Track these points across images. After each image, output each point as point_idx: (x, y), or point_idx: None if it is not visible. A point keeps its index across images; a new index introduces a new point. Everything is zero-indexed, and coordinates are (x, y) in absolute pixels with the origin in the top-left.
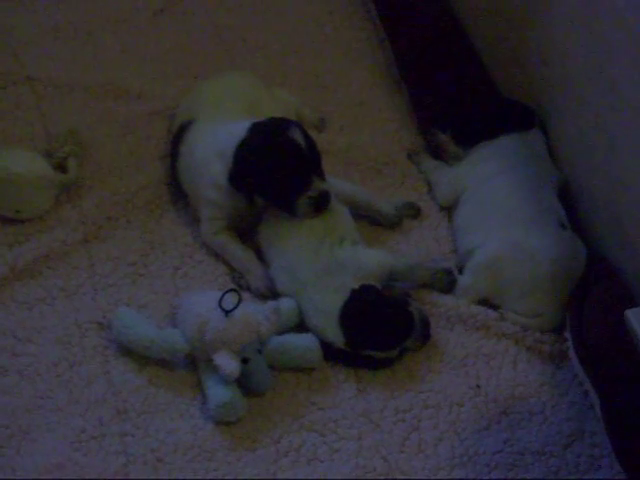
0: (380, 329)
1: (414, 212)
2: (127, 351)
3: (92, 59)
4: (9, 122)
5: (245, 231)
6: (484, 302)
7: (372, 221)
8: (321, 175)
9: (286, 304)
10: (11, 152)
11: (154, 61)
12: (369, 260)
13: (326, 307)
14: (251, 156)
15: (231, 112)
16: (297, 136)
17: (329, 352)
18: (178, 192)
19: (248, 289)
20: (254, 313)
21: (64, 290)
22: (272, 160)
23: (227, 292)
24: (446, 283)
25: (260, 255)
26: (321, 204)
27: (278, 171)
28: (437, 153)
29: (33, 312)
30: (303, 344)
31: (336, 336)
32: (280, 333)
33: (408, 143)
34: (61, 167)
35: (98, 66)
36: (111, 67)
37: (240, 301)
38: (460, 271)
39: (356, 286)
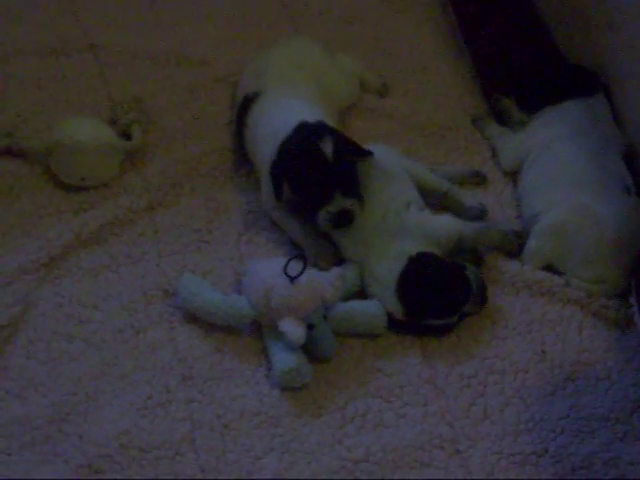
0: (437, 297)
1: (480, 180)
2: (192, 318)
3: (155, 26)
4: (73, 90)
5: None
6: (549, 268)
7: None
8: (348, 192)
9: (350, 270)
10: (76, 120)
11: (217, 28)
12: (437, 225)
13: (384, 277)
14: (286, 159)
15: (296, 83)
16: (327, 149)
17: (392, 321)
18: (242, 159)
19: None
20: (319, 280)
21: (129, 257)
22: (300, 169)
23: (292, 259)
24: (516, 245)
25: None
26: (340, 221)
27: (303, 181)
28: (501, 118)
29: (99, 279)
30: (368, 311)
31: (394, 306)
32: (345, 299)
33: (472, 109)
34: (125, 134)
35: (161, 33)
36: (174, 34)
37: (305, 268)
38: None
39: (414, 253)
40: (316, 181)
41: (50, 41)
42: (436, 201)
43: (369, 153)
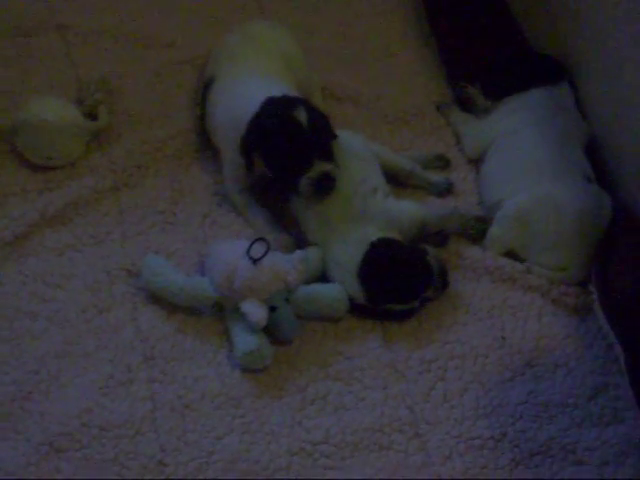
0: (398, 282)
1: (443, 164)
2: (155, 298)
3: (123, 7)
4: (40, 70)
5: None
6: (511, 255)
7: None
8: (325, 157)
9: (313, 253)
10: (42, 100)
11: (185, 10)
12: (401, 211)
13: (346, 261)
14: (259, 133)
15: (252, 64)
16: (302, 117)
17: (354, 304)
18: (207, 141)
19: None
20: (282, 262)
21: (94, 237)
22: (275, 140)
23: (255, 241)
24: (479, 230)
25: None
26: (322, 186)
27: (280, 151)
28: (466, 106)
29: (63, 258)
30: (330, 294)
31: (356, 291)
32: (307, 282)
33: (437, 95)
34: (91, 115)
35: (129, 14)
36: (142, 15)
37: (268, 250)
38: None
39: (376, 238)
40: (294, 150)
41: (18, 21)
42: (403, 180)
43: (334, 135)
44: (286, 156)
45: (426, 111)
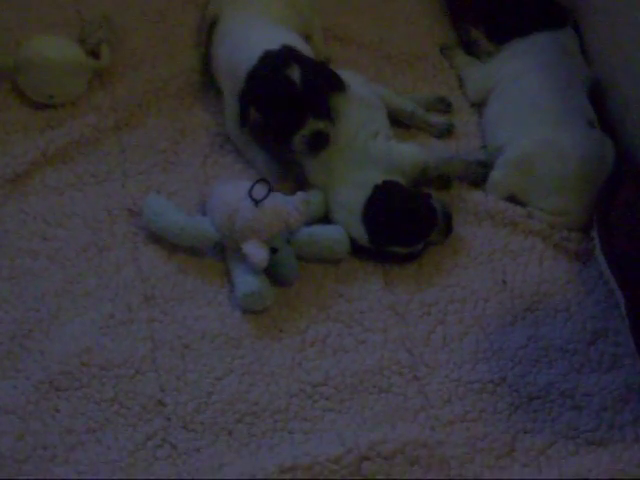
0: (403, 225)
1: (445, 106)
2: (156, 238)
3: None
4: (42, 7)
5: None
6: (512, 199)
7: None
8: (320, 115)
9: (315, 196)
10: (44, 38)
11: None
12: (403, 154)
13: (350, 204)
14: (254, 89)
15: (251, 11)
16: (295, 76)
17: (355, 246)
18: (210, 81)
19: None
20: (284, 203)
21: (95, 176)
22: (269, 98)
23: (257, 182)
24: (480, 174)
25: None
26: (316, 143)
27: (274, 109)
28: (470, 49)
29: (64, 197)
30: (331, 235)
31: (360, 233)
32: (308, 224)
33: (441, 38)
34: (94, 53)
35: None
36: None
37: (270, 191)
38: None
39: (380, 181)
40: (287, 108)
41: None
42: (404, 121)
43: (341, 86)
44: (280, 114)
45: (430, 53)
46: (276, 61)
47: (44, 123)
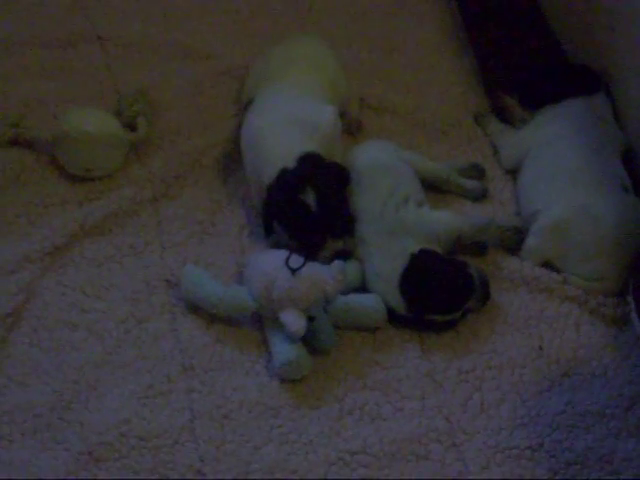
0: (440, 293)
1: (479, 173)
2: (194, 309)
3: (162, 19)
4: (80, 81)
5: None
6: (548, 265)
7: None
8: (339, 235)
9: (352, 265)
10: (82, 111)
11: (223, 21)
12: (437, 222)
13: (387, 273)
14: (275, 207)
15: (292, 80)
16: (310, 200)
17: (392, 315)
18: None
19: None
20: (321, 272)
21: (133, 248)
22: (288, 219)
23: (294, 251)
24: (516, 241)
25: None
26: (338, 259)
27: (294, 229)
28: (503, 116)
29: (102, 269)
30: (368, 304)
31: (397, 302)
32: (344, 294)
33: (474, 105)
34: (130, 126)
35: (167, 26)
36: (180, 27)
37: (307, 260)
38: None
39: (416, 250)
40: (305, 232)
41: (58, 32)
42: (440, 186)
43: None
44: (299, 236)
45: (463, 121)
46: (291, 184)
47: (82, 196)
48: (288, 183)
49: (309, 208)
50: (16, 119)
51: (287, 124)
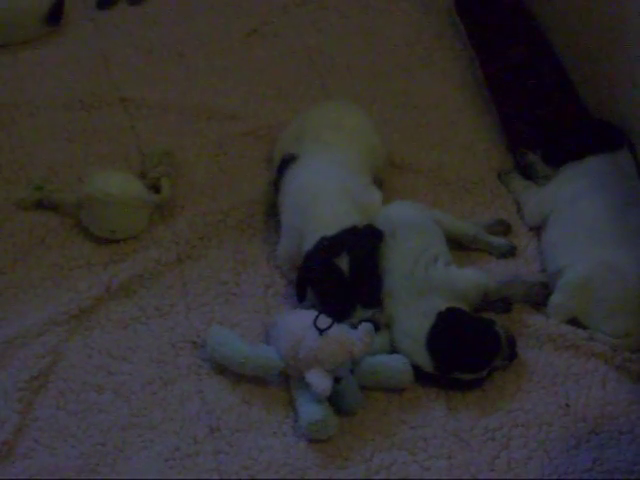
0: (467, 352)
1: (504, 229)
2: (220, 370)
3: (184, 80)
4: (104, 143)
5: None
6: (573, 321)
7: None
8: (369, 304)
9: (380, 334)
10: (106, 173)
11: (246, 82)
12: (464, 280)
13: (414, 331)
14: (309, 272)
15: (332, 147)
16: (344, 265)
17: (419, 373)
18: (269, 212)
19: None
20: (348, 333)
21: (158, 309)
22: (321, 284)
23: (322, 312)
24: (541, 297)
25: None
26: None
27: (326, 295)
28: (527, 173)
29: (128, 331)
30: (394, 365)
31: (424, 361)
32: (371, 355)
33: (498, 163)
34: (155, 187)
35: (190, 87)
36: (203, 88)
37: (334, 321)
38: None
39: (443, 308)
40: (336, 298)
41: (81, 94)
42: (466, 244)
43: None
44: (330, 301)
45: (487, 179)
46: (329, 249)
47: (107, 258)
48: (325, 248)
49: (342, 273)
50: (41, 182)
51: (340, 196)
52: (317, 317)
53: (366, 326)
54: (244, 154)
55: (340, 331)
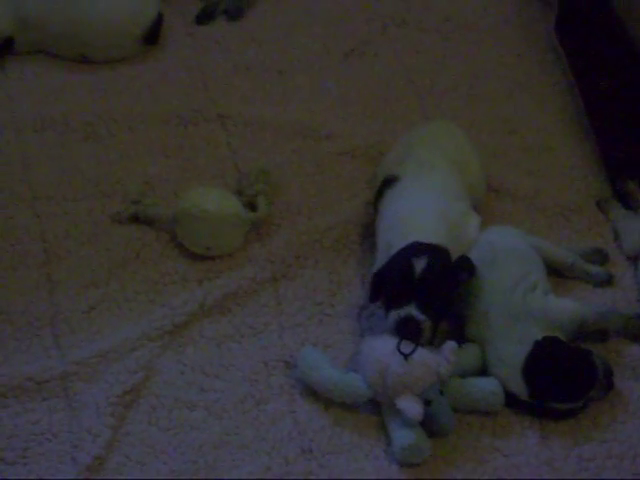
0: (564, 382)
1: (601, 258)
2: (312, 390)
3: (282, 98)
4: (201, 159)
5: None
6: None
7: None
8: (424, 308)
9: (470, 349)
10: (203, 190)
11: (343, 101)
12: (562, 311)
13: (510, 358)
14: (387, 270)
15: (435, 171)
16: (418, 266)
17: (512, 400)
18: (366, 232)
19: None
20: (433, 355)
21: (252, 328)
22: (391, 279)
23: (404, 336)
24: (638, 329)
25: None
26: (405, 329)
27: (389, 284)
28: (626, 202)
29: (222, 349)
30: (486, 387)
31: (519, 388)
32: (463, 376)
33: (596, 190)
34: (251, 205)
35: (288, 105)
36: (301, 106)
37: (418, 344)
38: None
39: (540, 337)
40: (397, 288)
41: (179, 110)
42: (564, 272)
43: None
44: (390, 290)
45: (585, 206)
46: (413, 250)
47: (202, 274)
48: (410, 248)
49: (412, 271)
50: (137, 196)
51: (437, 222)
52: (400, 342)
53: (450, 345)
54: (340, 174)
55: (424, 353)
